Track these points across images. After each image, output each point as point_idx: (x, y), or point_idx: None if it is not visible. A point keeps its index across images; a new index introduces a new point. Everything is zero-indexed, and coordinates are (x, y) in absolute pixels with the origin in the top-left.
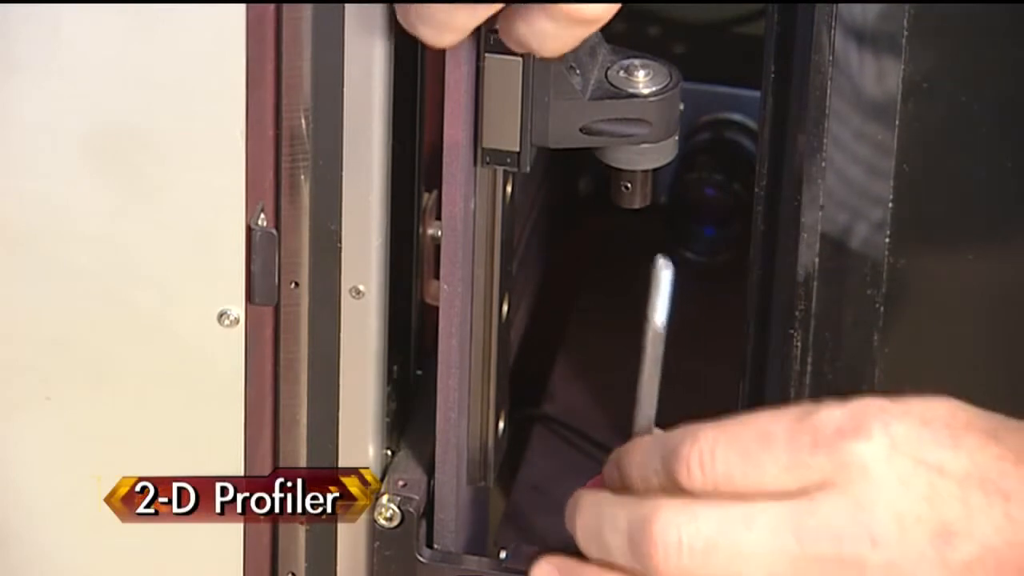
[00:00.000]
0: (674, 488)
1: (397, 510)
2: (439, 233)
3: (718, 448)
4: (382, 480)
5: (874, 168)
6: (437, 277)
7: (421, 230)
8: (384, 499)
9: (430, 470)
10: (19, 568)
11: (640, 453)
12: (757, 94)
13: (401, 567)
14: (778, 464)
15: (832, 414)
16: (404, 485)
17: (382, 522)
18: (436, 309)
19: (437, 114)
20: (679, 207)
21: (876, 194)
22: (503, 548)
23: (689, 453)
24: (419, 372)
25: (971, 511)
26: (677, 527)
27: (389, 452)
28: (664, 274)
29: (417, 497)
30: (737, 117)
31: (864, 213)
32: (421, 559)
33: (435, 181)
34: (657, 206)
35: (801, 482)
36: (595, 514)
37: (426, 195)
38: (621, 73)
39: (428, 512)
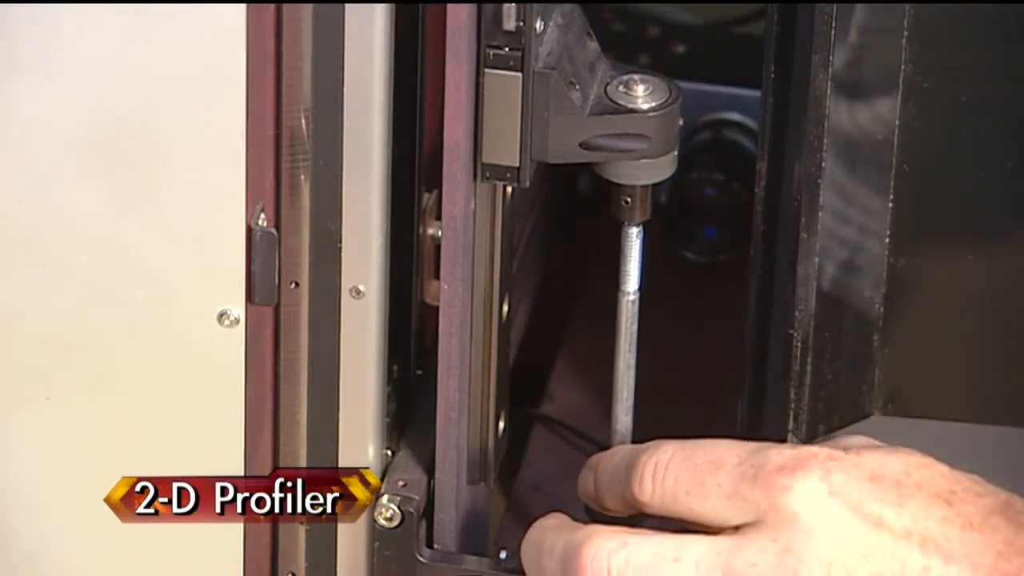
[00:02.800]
0: (629, 497)
1: (397, 510)
2: (439, 233)
3: (672, 463)
4: (382, 480)
5: (874, 168)
6: (437, 277)
7: (421, 230)
8: (384, 499)
9: (430, 470)
10: (19, 568)
11: (613, 458)
12: (757, 94)
13: (401, 567)
14: (720, 491)
15: (781, 453)
16: (404, 485)
17: (382, 522)
18: (436, 309)
19: (437, 114)
20: (679, 207)
21: (876, 194)
22: (503, 548)
23: (645, 463)
24: (419, 372)
25: (906, 569)
26: (607, 554)
27: (389, 452)
28: (633, 240)
29: (417, 497)
30: (737, 117)
31: (864, 213)
32: (421, 559)
33: (435, 181)
34: (657, 206)
35: (738, 516)
36: (536, 540)
37: (426, 195)
38: (620, 88)
39: (428, 512)
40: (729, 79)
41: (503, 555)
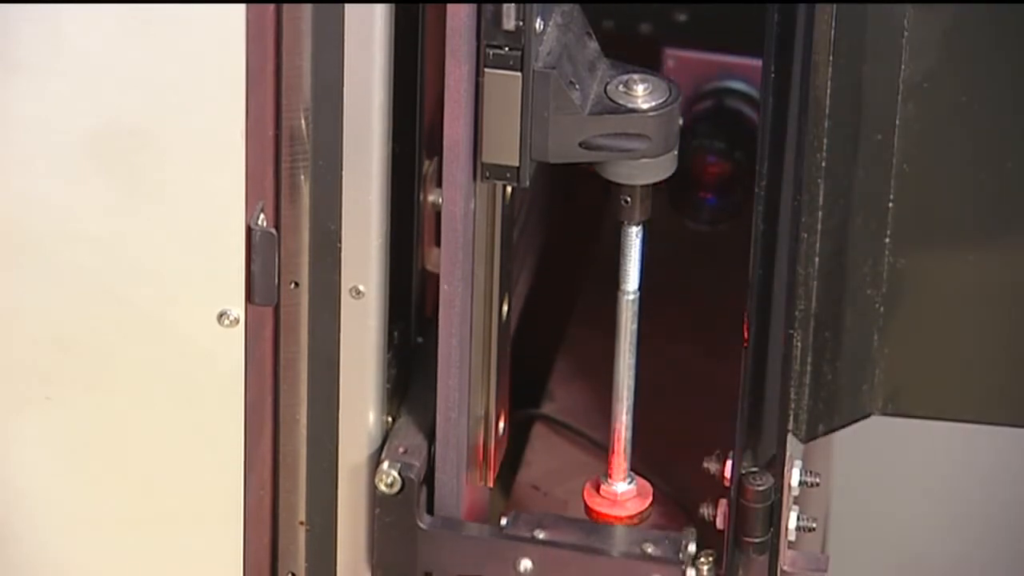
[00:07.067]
0: None
1: (398, 476)
2: (439, 200)
3: None
4: (383, 447)
5: (874, 168)
6: (438, 244)
7: (421, 197)
8: (385, 465)
9: (431, 436)
10: (19, 568)
11: None
12: (758, 62)
13: (402, 534)
14: None
15: None
16: (405, 451)
17: (383, 488)
18: (437, 276)
19: (438, 78)
20: (681, 176)
21: (876, 194)
22: (504, 515)
23: None
24: (420, 339)
25: None
26: None
27: (390, 419)
28: (633, 240)
29: (418, 463)
30: (738, 85)
31: (864, 213)
32: (422, 525)
33: (436, 148)
34: None
35: None
36: None
37: (427, 162)
38: (620, 88)
39: (429, 478)
40: (730, 47)
41: (504, 521)
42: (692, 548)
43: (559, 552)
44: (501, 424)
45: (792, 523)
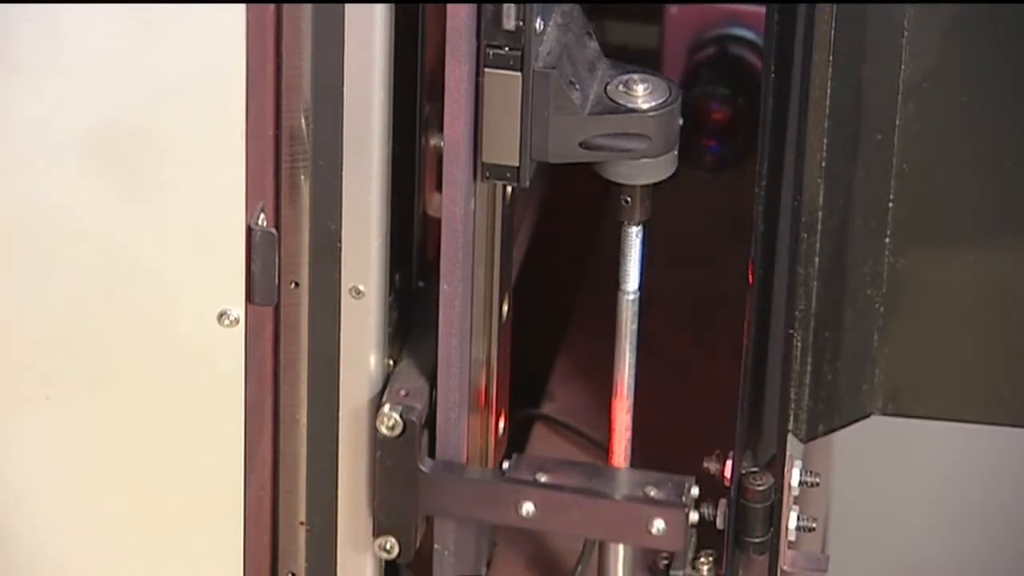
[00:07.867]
0: None
1: (399, 419)
2: (440, 144)
3: None
4: (384, 390)
5: (874, 168)
6: (439, 189)
7: (423, 141)
8: (386, 408)
9: (432, 379)
10: (19, 568)
11: None
12: (761, 9)
13: (403, 477)
14: None
15: None
16: (406, 394)
17: (384, 431)
18: (438, 221)
19: (440, 20)
20: (684, 123)
21: (876, 194)
22: (505, 459)
23: None
24: (421, 284)
25: None
26: None
27: (391, 362)
28: (633, 240)
29: (419, 406)
30: (741, 32)
31: (864, 213)
32: (423, 469)
33: (437, 91)
34: None
35: None
36: None
37: (427, 105)
38: (620, 88)
39: (430, 421)
40: None
41: (505, 465)
42: (695, 492)
43: (561, 495)
44: (501, 424)
45: (792, 523)
